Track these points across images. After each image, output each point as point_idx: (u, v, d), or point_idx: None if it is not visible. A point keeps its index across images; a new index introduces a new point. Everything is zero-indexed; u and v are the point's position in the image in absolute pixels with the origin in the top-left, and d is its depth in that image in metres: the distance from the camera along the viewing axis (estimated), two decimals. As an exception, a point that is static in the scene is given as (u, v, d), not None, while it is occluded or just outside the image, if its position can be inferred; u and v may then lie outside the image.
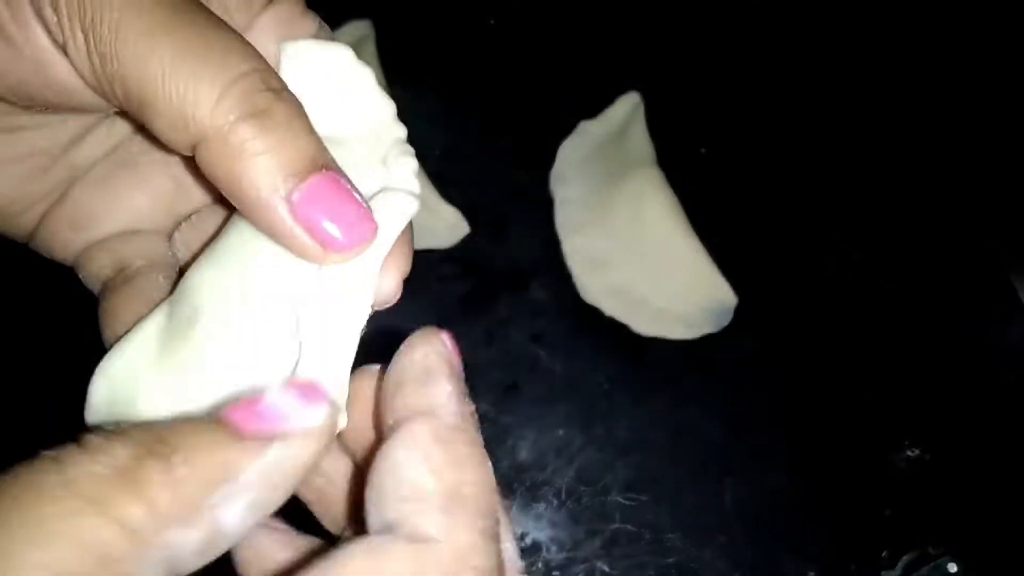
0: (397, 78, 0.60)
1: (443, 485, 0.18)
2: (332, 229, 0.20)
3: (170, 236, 0.26)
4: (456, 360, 0.21)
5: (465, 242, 0.57)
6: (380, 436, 0.21)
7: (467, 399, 0.20)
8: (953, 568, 0.49)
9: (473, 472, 0.19)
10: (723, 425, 0.54)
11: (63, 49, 0.20)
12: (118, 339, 0.23)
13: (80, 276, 0.25)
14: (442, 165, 0.58)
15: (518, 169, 0.60)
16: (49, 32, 0.19)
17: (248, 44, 0.20)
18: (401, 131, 0.24)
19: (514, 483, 0.51)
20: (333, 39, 0.24)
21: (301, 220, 0.20)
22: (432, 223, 0.57)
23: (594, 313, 0.56)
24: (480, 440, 0.20)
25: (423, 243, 0.56)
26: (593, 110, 0.61)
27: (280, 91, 0.20)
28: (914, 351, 0.56)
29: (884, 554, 0.51)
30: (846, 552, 0.51)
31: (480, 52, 0.63)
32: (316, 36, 0.24)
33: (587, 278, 0.56)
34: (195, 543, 0.16)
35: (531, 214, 0.58)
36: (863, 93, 0.64)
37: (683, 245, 0.57)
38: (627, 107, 0.61)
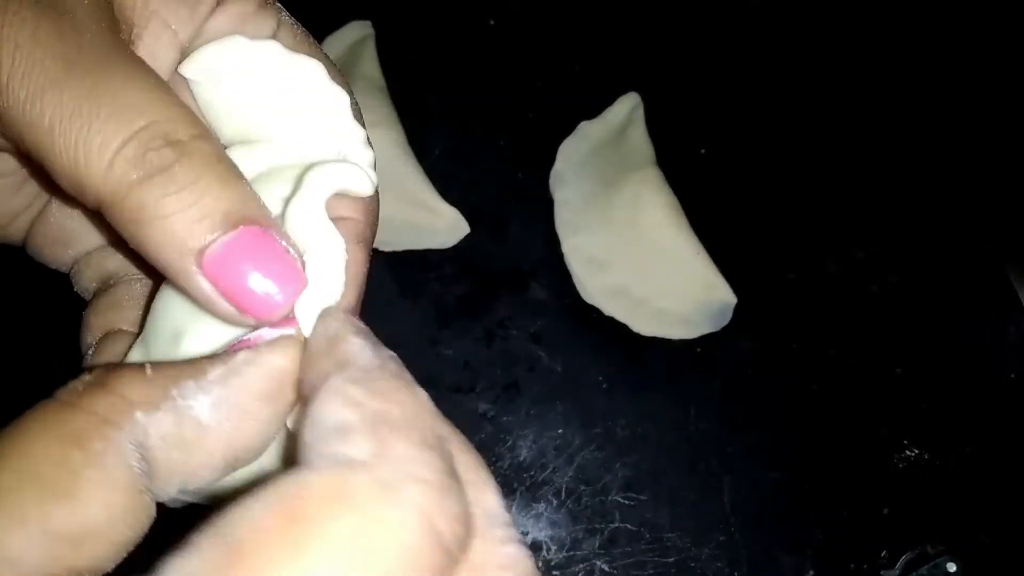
0: (397, 78, 0.60)
1: (367, 413, 0.16)
2: (256, 287, 0.18)
3: None
4: (361, 324, 0.19)
5: (465, 242, 0.57)
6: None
7: (382, 348, 0.18)
8: (952, 567, 0.49)
9: (400, 397, 0.16)
10: (722, 424, 0.54)
11: None
12: (92, 347, 0.23)
13: (75, 289, 0.26)
14: (442, 165, 0.58)
15: (518, 169, 0.60)
16: None
17: (156, 90, 0.19)
18: (359, 132, 0.22)
19: (514, 482, 0.51)
20: (304, 35, 0.23)
21: (216, 284, 0.18)
22: (432, 223, 0.57)
23: (594, 313, 0.56)
24: (408, 377, 0.17)
25: (423, 243, 0.56)
26: (593, 110, 0.61)
27: (186, 142, 0.18)
28: (914, 351, 0.57)
29: (883, 553, 0.51)
30: (845, 551, 0.51)
31: (480, 52, 0.63)
32: (276, 33, 0.22)
33: (587, 278, 0.56)
34: (166, 427, 0.17)
35: (531, 214, 0.58)
36: (863, 93, 0.64)
37: (683, 245, 0.57)
38: (627, 107, 0.61)
